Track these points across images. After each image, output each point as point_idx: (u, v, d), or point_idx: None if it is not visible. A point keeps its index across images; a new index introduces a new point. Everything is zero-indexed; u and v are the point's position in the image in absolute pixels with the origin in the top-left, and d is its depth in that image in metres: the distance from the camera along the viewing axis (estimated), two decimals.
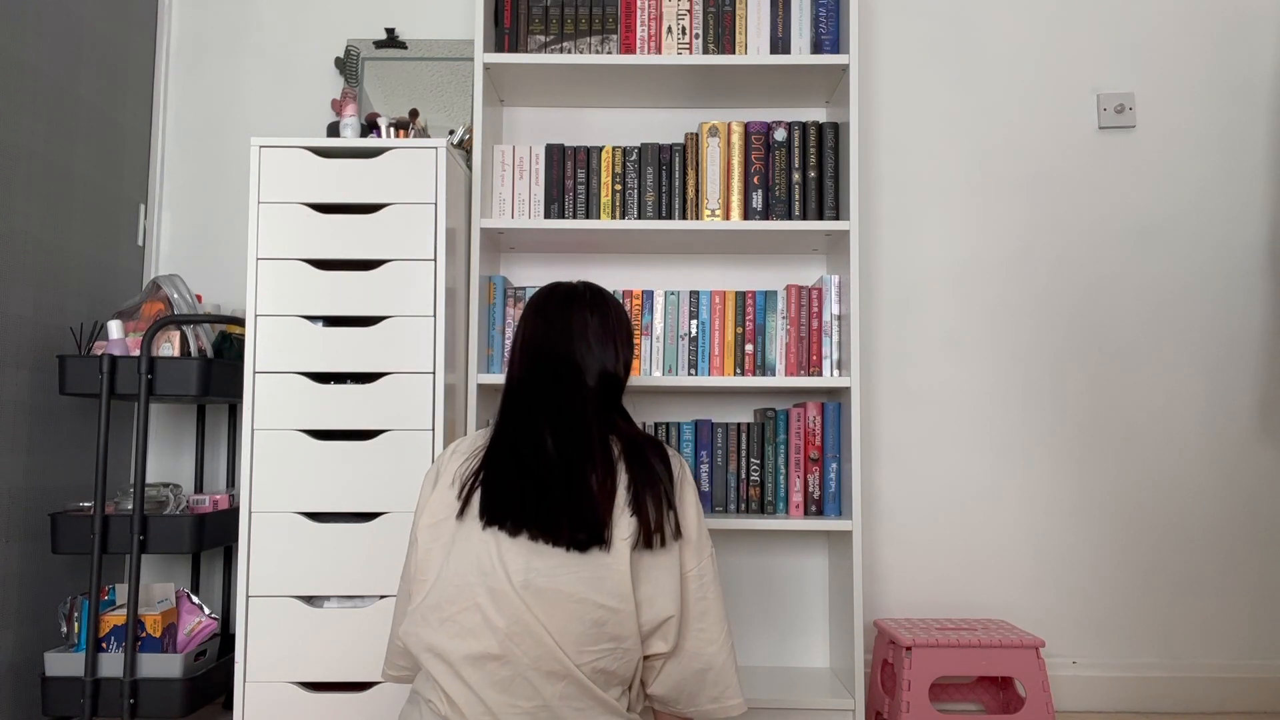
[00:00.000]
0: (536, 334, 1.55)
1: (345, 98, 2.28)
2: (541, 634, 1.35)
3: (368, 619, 2.03)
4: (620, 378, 1.57)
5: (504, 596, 1.36)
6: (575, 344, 1.53)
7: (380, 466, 2.05)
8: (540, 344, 1.54)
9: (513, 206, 2.40)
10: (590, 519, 1.39)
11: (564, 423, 1.47)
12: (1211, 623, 2.52)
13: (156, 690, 2.07)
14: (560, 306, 1.57)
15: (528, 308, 1.60)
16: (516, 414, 1.51)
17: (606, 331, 1.55)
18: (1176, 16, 2.63)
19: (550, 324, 1.55)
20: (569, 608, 1.36)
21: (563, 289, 1.60)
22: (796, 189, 2.37)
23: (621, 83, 2.46)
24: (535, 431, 1.47)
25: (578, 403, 1.49)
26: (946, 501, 2.55)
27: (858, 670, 2.21)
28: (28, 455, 2.14)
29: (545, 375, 1.52)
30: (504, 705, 1.34)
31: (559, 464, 1.43)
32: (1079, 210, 2.60)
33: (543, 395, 1.51)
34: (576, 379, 1.51)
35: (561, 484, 1.41)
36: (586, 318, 1.55)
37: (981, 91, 2.63)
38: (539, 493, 1.41)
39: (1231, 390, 2.56)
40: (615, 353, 1.56)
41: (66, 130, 2.28)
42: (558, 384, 1.51)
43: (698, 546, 1.48)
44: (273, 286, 2.09)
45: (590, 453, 1.44)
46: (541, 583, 1.36)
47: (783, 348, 2.35)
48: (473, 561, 1.39)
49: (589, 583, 1.37)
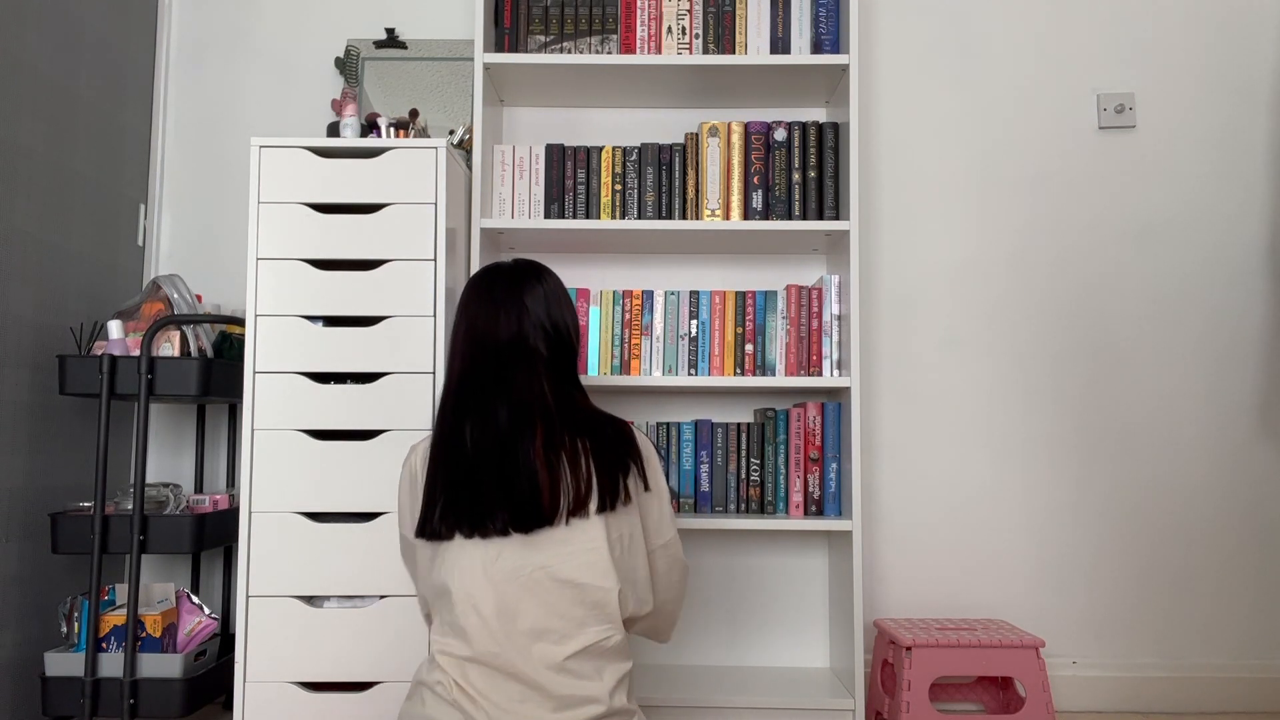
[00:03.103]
0: (482, 321, 1.50)
1: (345, 98, 2.28)
2: (528, 621, 1.39)
3: (368, 619, 2.03)
4: (573, 345, 1.54)
5: (495, 592, 1.40)
6: (525, 324, 1.48)
7: (380, 466, 2.05)
8: (487, 331, 1.49)
9: (513, 206, 2.40)
10: (563, 500, 1.41)
11: (520, 412, 1.44)
12: (1211, 622, 2.52)
13: (156, 690, 2.07)
14: (508, 288, 1.51)
15: (468, 293, 1.53)
16: (466, 410, 1.47)
17: (556, 301, 1.53)
18: (1176, 16, 2.63)
19: (499, 306, 1.50)
20: (555, 589, 1.40)
21: (505, 269, 1.55)
22: (796, 189, 2.37)
23: (621, 83, 2.46)
24: (490, 424, 1.44)
25: (536, 386, 1.46)
26: (946, 501, 2.55)
27: (858, 670, 2.21)
28: (28, 455, 2.14)
29: (500, 363, 1.47)
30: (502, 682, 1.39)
31: (520, 452, 1.42)
32: (1079, 210, 2.60)
33: (497, 383, 1.46)
34: (529, 360, 1.47)
35: (526, 473, 1.41)
36: (538, 290, 1.51)
37: (981, 91, 2.63)
38: (505, 489, 1.41)
39: (1231, 390, 2.56)
40: (566, 321, 1.53)
41: (66, 130, 2.28)
42: (510, 369, 1.47)
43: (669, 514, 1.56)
44: (273, 286, 2.09)
45: (557, 437, 1.43)
46: (519, 571, 1.40)
47: (783, 348, 2.35)
48: (463, 570, 1.41)
49: (566, 557, 1.41)
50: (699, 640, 2.50)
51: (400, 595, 2.03)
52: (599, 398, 2.52)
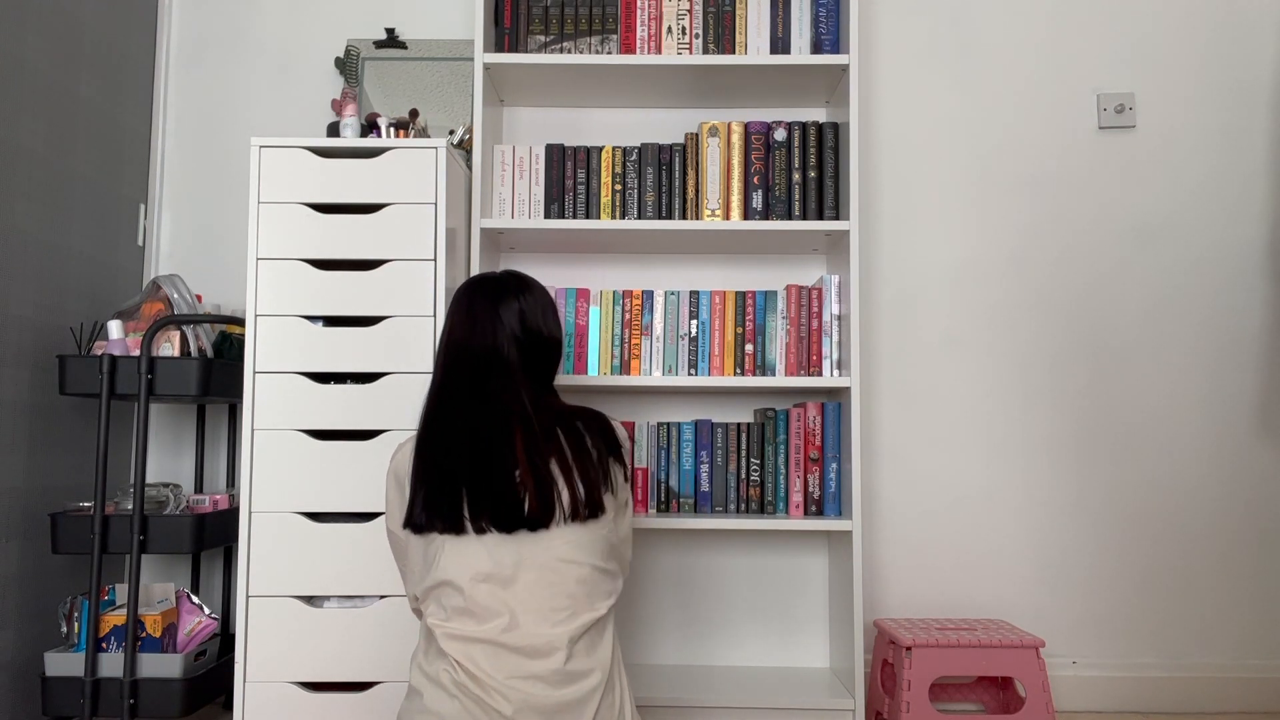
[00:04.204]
0: (460, 330, 1.58)
1: (345, 98, 2.28)
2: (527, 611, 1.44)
3: (367, 619, 2.03)
4: (554, 357, 1.62)
5: (497, 574, 1.44)
6: (500, 335, 1.55)
7: (380, 467, 2.05)
8: (464, 340, 1.56)
9: (513, 206, 2.40)
10: (557, 500, 1.46)
11: (497, 417, 1.50)
12: (1211, 622, 2.52)
13: (156, 690, 2.07)
14: (488, 299, 1.58)
15: (452, 303, 1.62)
16: (445, 414, 1.53)
17: (535, 312, 1.59)
18: (1176, 16, 2.63)
19: (475, 319, 1.57)
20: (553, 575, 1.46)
21: (488, 281, 1.62)
22: (796, 189, 2.37)
23: (621, 83, 2.46)
24: (467, 428, 1.50)
25: (511, 391, 1.52)
26: (946, 501, 2.55)
27: (858, 670, 2.21)
28: (28, 455, 2.14)
29: (476, 370, 1.54)
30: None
31: (498, 456, 1.47)
32: (1078, 210, 2.60)
33: (473, 390, 1.53)
34: (504, 368, 1.54)
35: (505, 476, 1.46)
36: (514, 305, 1.58)
37: (981, 91, 2.63)
38: (484, 491, 1.46)
39: (1231, 390, 2.56)
40: (543, 330, 1.59)
41: (66, 130, 2.28)
42: (484, 377, 1.54)
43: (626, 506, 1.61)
44: (273, 286, 2.09)
45: (538, 439, 1.49)
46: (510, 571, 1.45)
47: (783, 348, 2.35)
48: (464, 557, 1.45)
49: (564, 543, 1.46)
50: (699, 640, 2.50)
51: (400, 595, 2.03)
52: (599, 397, 2.53)
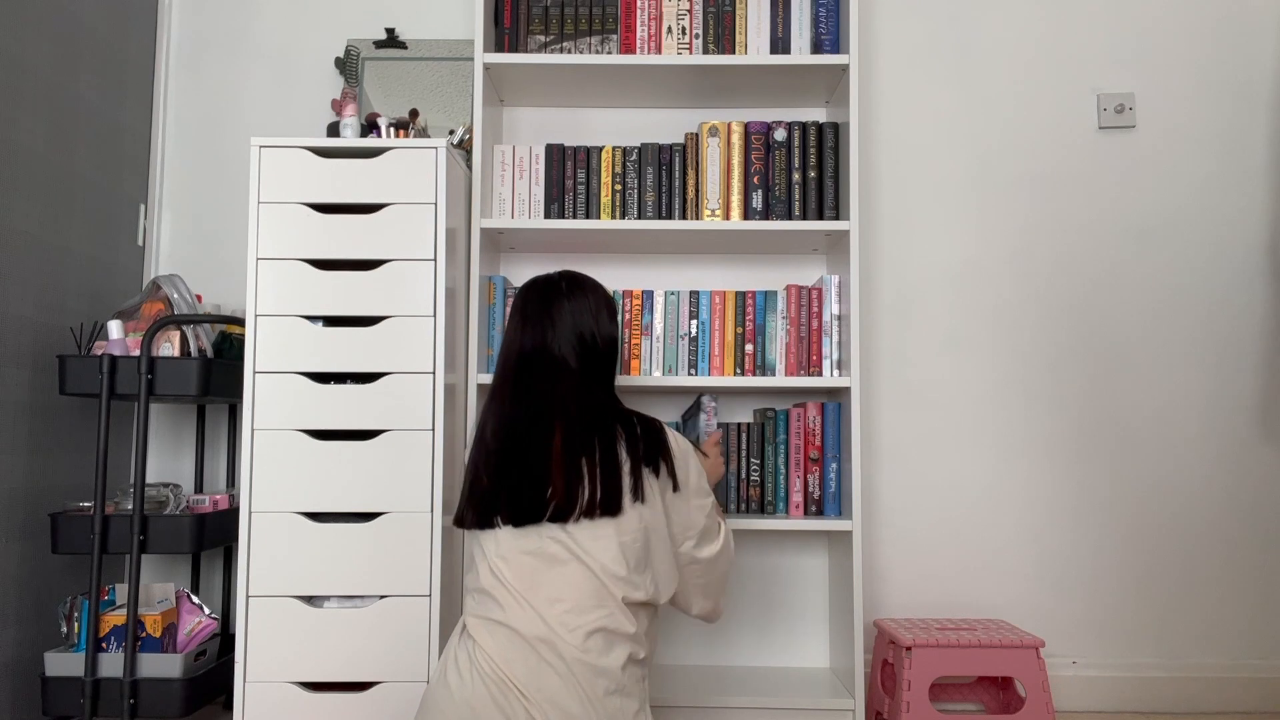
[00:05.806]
0: (512, 331, 1.65)
1: (345, 98, 2.28)
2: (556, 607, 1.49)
3: (368, 619, 2.03)
4: (604, 353, 1.65)
5: (517, 563, 1.51)
6: (549, 336, 1.60)
7: (380, 466, 2.05)
8: (516, 341, 1.63)
9: (513, 206, 2.40)
10: (581, 495, 1.50)
11: (538, 415, 1.56)
12: (1211, 622, 2.52)
13: (156, 690, 2.07)
14: (539, 303, 1.64)
15: (511, 306, 1.68)
16: (491, 413, 1.61)
17: (586, 313, 1.63)
18: (1176, 16, 2.63)
19: (527, 320, 1.64)
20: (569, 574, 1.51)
21: (540, 283, 1.68)
22: (796, 189, 2.37)
23: (621, 83, 2.46)
24: (506, 426, 1.57)
25: (558, 391, 1.57)
26: (946, 501, 2.55)
27: (858, 670, 2.21)
28: (28, 455, 2.14)
29: (526, 371, 1.61)
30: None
31: (534, 452, 1.54)
32: (1079, 210, 2.60)
33: (518, 390, 1.60)
34: (553, 368, 1.59)
35: (536, 472, 1.52)
36: (564, 306, 1.63)
37: (981, 91, 2.63)
38: (506, 486, 1.53)
39: (1231, 390, 2.56)
40: (594, 331, 1.63)
41: (66, 130, 2.28)
42: (536, 377, 1.59)
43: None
44: (273, 286, 2.09)
45: (579, 438, 1.53)
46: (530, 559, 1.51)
47: (783, 348, 2.35)
48: (491, 544, 1.54)
49: (581, 541, 1.50)
50: (699, 640, 2.50)
51: (400, 595, 2.03)
52: None
